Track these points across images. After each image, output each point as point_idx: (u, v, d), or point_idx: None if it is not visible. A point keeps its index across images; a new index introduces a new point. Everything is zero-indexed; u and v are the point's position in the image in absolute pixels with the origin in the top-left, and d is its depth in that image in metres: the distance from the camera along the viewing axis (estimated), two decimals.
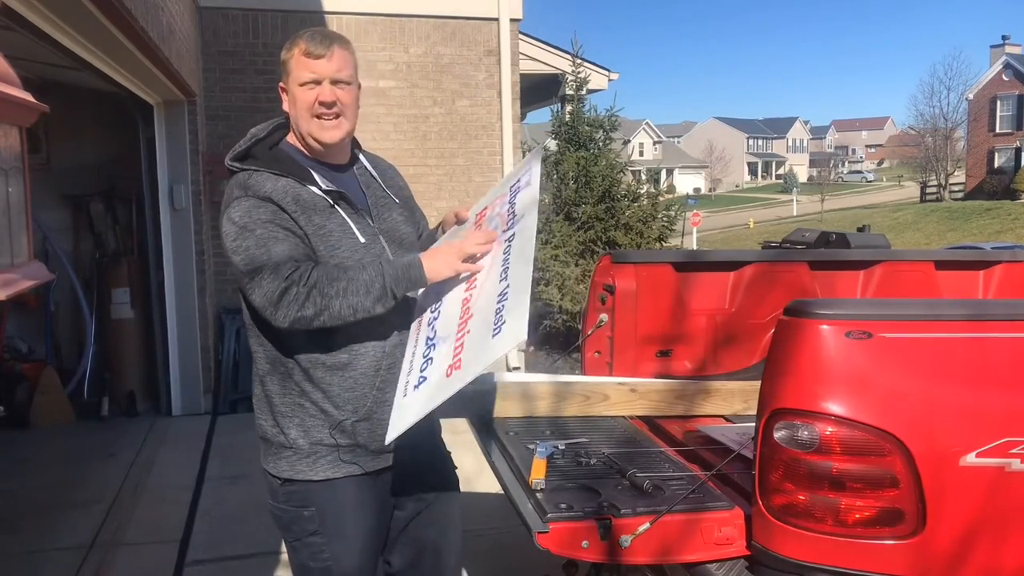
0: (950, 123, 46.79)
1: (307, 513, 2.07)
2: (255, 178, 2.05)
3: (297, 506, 2.08)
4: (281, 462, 2.08)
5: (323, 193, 2.07)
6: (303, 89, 2.06)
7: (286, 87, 2.11)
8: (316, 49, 2.04)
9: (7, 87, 1.95)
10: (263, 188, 2.03)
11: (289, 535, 2.13)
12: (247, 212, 2.00)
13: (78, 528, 4.24)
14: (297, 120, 2.10)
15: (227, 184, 2.13)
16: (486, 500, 4.36)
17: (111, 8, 3.45)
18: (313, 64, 2.05)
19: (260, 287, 1.93)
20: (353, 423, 2.06)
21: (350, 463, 2.08)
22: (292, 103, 2.10)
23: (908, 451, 1.86)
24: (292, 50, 2.08)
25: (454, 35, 7.35)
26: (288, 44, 2.10)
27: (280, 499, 2.11)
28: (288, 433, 2.06)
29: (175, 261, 6.30)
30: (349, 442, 2.07)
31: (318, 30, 2.12)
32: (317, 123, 2.07)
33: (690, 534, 2.03)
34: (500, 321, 1.83)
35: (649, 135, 71.00)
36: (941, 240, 30.07)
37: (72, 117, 6.30)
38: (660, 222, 9.98)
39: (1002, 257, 3.85)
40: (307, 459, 2.06)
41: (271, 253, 1.94)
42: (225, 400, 6.46)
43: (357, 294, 1.92)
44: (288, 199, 2.02)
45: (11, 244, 2.07)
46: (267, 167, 2.07)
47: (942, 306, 2.27)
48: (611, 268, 3.31)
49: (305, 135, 2.10)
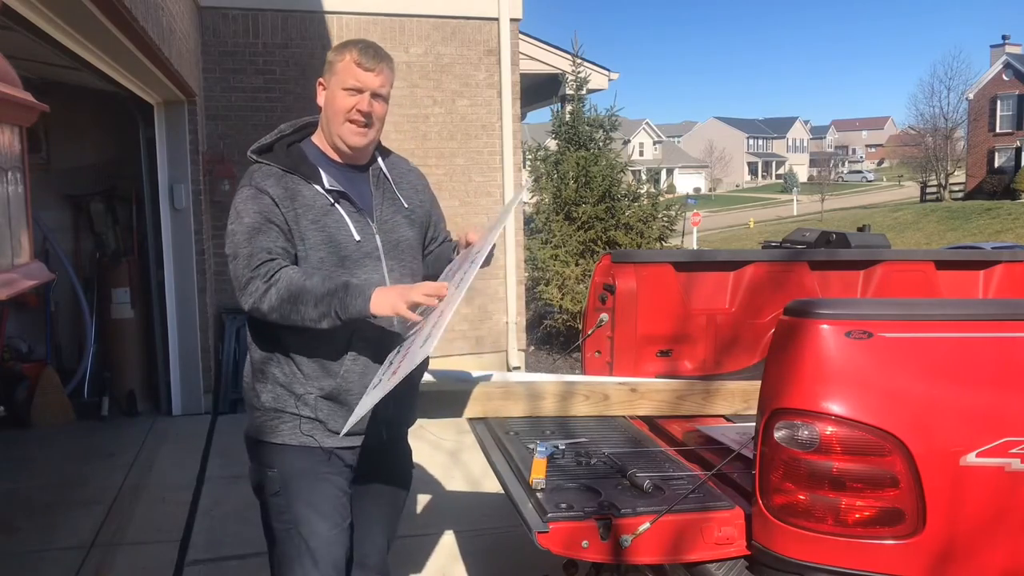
0: (950, 123, 46.74)
1: (271, 474, 2.23)
2: (262, 171, 2.20)
3: (262, 466, 2.25)
4: (253, 421, 2.27)
5: (325, 191, 2.20)
6: (345, 94, 2.20)
7: (326, 84, 2.24)
8: (367, 62, 2.19)
9: (7, 87, 1.94)
10: (265, 181, 2.17)
11: (259, 495, 2.29)
12: (244, 200, 2.16)
13: (78, 528, 4.24)
14: (329, 119, 2.23)
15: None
16: (486, 500, 4.37)
17: (111, 8, 3.45)
18: (361, 75, 2.19)
19: (234, 270, 2.13)
20: (316, 398, 2.19)
21: (307, 435, 2.21)
22: (329, 102, 2.23)
23: (908, 451, 1.86)
24: (344, 55, 2.20)
25: (454, 35, 7.35)
26: (339, 47, 2.23)
27: (252, 458, 2.30)
28: (261, 395, 2.24)
29: (175, 261, 6.29)
30: (310, 415, 2.20)
31: (371, 44, 2.24)
32: (348, 127, 2.21)
33: (690, 534, 2.04)
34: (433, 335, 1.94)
35: (649, 135, 71.00)
36: (941, 240, 30.07)
37: (72, 117, 6.30)
38: (660, 222, 9.99)
39: (1002, 257, 3.85)
40: (271, 422, 2.22)
41: (251, 242, 2.11)
42: (225, 400, 6.45)
43: (307, 305, 2.05)
44: (285, 194, 2.16)
45: (11, 244, 2.07)
46: (277, 162, 2.21)
47: (942, 306, 2.27)
48: (611, 268, 3.31)
49: (334, 135, 2.23)
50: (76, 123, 6.49)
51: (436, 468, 4.87)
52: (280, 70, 6.83)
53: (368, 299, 2.05)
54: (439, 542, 3.97)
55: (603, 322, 3.30)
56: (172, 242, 6.27)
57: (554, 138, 10.57)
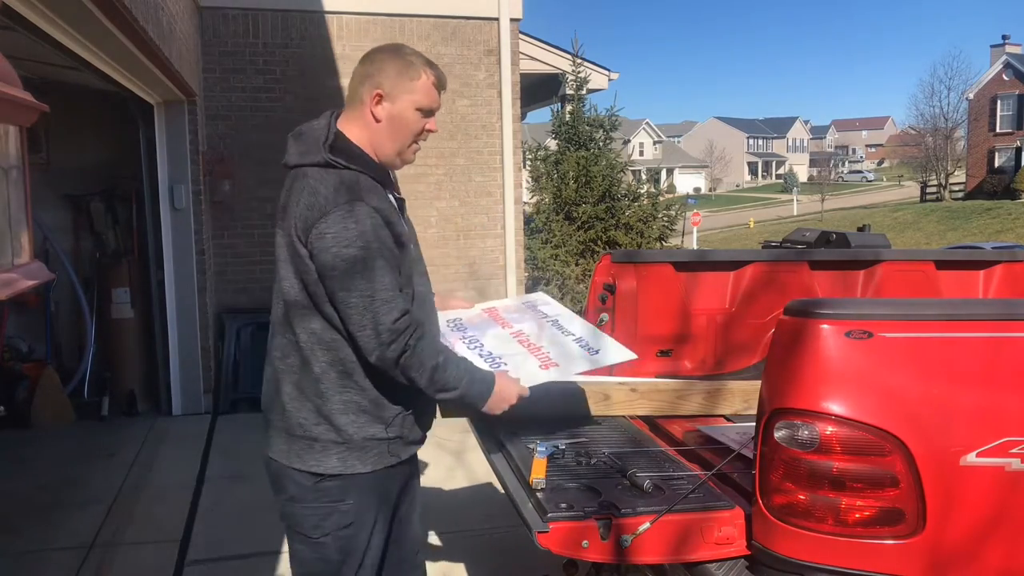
0: (950, 123, 46.76)
1: (344, 507, 2.10)
2: (364, 182, 2.04)
3: (332, 502, 2.10)
4: (330, 458, 2.07)
5: (395, 200, 2.15)
6: (419, 114, 2.12)
7: (392, 99, 2.09)
8: (443, 85, 2.15)
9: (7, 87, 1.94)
10: (373, 198, 2.01)
11: (316, 532, 2.12)
12: (375, 232, 1.97)
13: (78, 528, 4.24)
14: (391, 134, 2.11)
15: (317, 174, 2.03)
16: (487, 500, 4.37)
17: (111, 8, 3.45)
18: (437, 97, 2.14)
19: (369, 311, 1.95)
20: (402, 416, 2.13)
21: (393, 454, 2.14)
22: (397, 118, 2.10)
23: (908, 451, 1.86)
24: (422, 74, 2.10)
25: (454, 35, 7.35)
26: (412, 63, 2.11)
27: (311, 498, 2.11)
28: (343, 430, 2.07)
29: (175, 261, 6.30)
30: (395, 435, 2.13)
31: (436, 65, 2.18)
32: (413, 146, 2.15)
33: (690, 534, 2.04)
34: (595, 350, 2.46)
35: (649, 135, 70.99)
36: (941, 240, 30.07)
37: (72, 117, 6.30)
38: (660, 222, 10.01)
39: (1002, 257, 3.85)
40: (358, 452, 2.08)
41: (384, 281, 1.96)
42: (225, 400, 6.46)
43: (443, 374, 2.03)
44: (391, 212, 2.05)
45: (11, 244, 2.07)
46: (365, 169, 2.06)
47: (942, 306, 2.27)
48: (611, 268, 3.31)
49: (391, 151, 2.13)
50: (76, 123, 6.49)
51: (440, 468, 4.87)
52: (280, 70, 6.83)
53: (487, 396, 2.10)
54: (440, 542, 3.97)
55: (603, 322, 3.30)
56: (172, 242, 6.27)
57: (554, 138, 10.57)
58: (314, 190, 1.98)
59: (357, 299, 1.94)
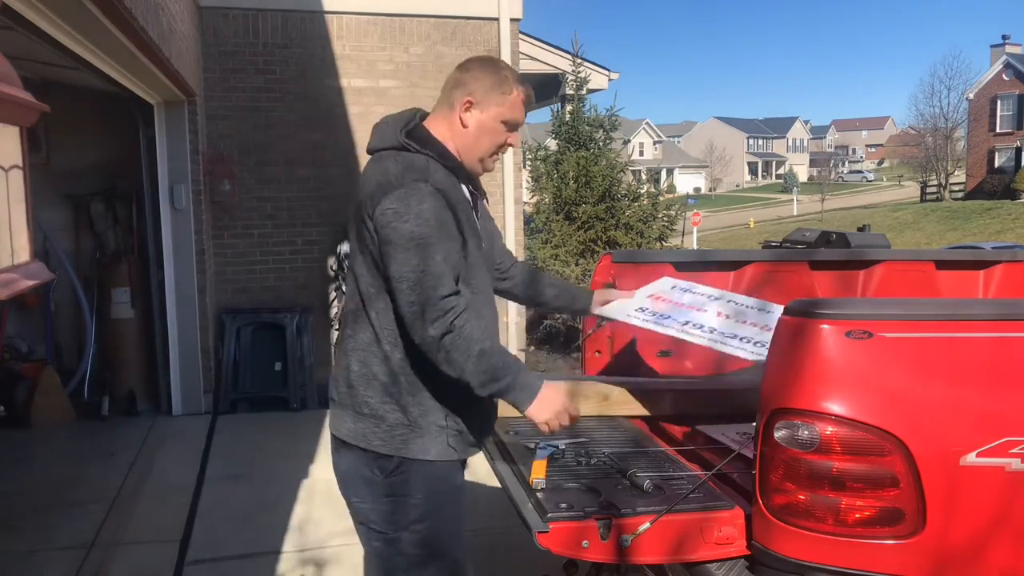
0: (950, 123, 46.77)
1: (414, 501, 2.10)
2: (433, 167, 2.09)
3: (403, 495, 2.10)
4: (395, 440, 2.09)
5: (469, 194, 2.20)
6: (503, 127, 2.18)
7: (482, 107, 2.15)
8: (531, 103, 2.22)
9: (7, 87, 1.95)
10: (441, 182, 2.06)
11: (391, 528, 2.13)
12: (435, 212, 2.00)
13: (78, 528, 4.24)
14: (474, 143, 2.18)
15: (391, 156, 2.10)
16: (488, 500, 4.36)
17: (111, 8, 3.45)
18: (523, 113, 2.21)
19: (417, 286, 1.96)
20: (461, 411, 2.14)
21: (453, 447, 2.14)
22: (483, 128, 2.17)
23: (908, 451, 1.86)
24: (513, 89, 2.17)
25: (454, 35, 7.34)
26: (509, 80, 2.17)
27: (381, 493, 2.12)
28: (409, 411, 2.09)
29: (175, 261, 6.29)
30: (456, 427, 2.13)
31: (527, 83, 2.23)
32: (494, 156, 2.22)
33: (690, 534, 2.04)
34: None
35: (649, 135, 70.99)
36: (941, 240, 30.06)
37: (72, 117, 6.30)
38: (660, 222, 10.00)
39: (1002, 257, 3.85)
40: (422, 437, 2.09)
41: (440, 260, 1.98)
42: (225, 400, 6.46)
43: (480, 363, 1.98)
44: (459, 200, 2.10)
45: (11, 244, 2.07)
46: (439, 157, 2.12)
47: (942, 306, 2.27)
48: (612, 268, 3.31)
49: (474, 157, 2.19)
50: (76, 123, 6.49)
51: None
52: (280, 70, 6.83)
53: (532, 397, 2.06)
54: None
55: (603, 322, 3.30)
56: (172, 242, 6.27)
57: (554, 138, 10.57)
58: (385, 170, 2.06)
59: (409, 273, 1.96)
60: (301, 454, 5.33)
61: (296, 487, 4.73)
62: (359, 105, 6.97)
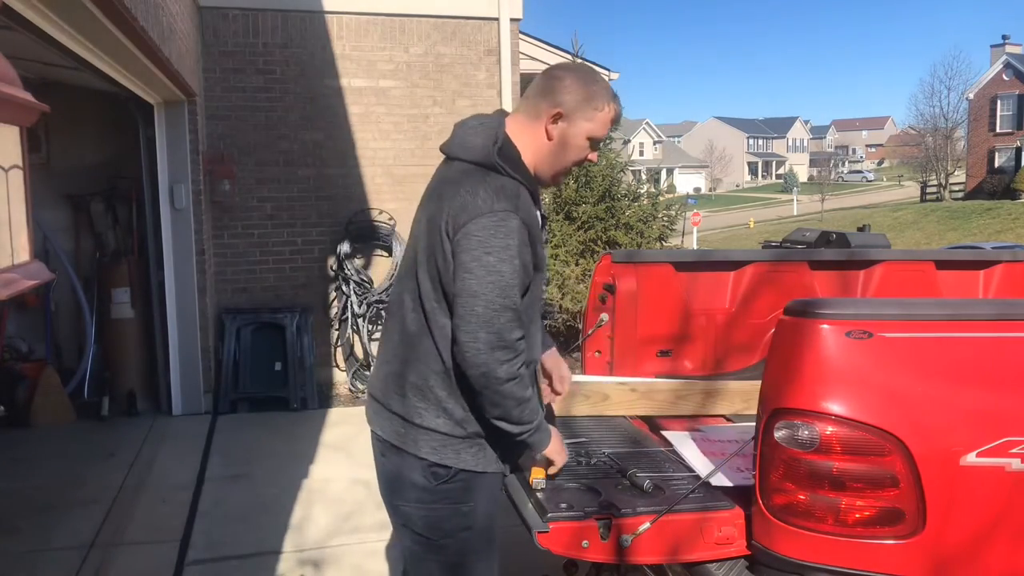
0: (950, 123, 46.75)
1: (464, 509, 2.07)
2: (523, 195, 2.00)
3: (454, 503, 2.07)
4: (446, 450, 2.05)
5: (542, 217, 2.13)
6: (587, 143, 2.09)
7: (569, 120, 2.06)
8: (619, 120, 2.13)
9: (7, 87, 1.95)
10: (527, 214, 1.99)
11: (437, 534, 2.09)
12: (519, 249, 1.93)
13: (78, 528, 4.24)
14: (555, 154, 2.09)
15: (476, 173, 2.00)
16: None
17: (111, 8, 3.44)
18: (606, 132, 2.12)
19: (496, 321, 1.90)
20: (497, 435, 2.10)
21: (502, 460, 2.12)
22: (568, 141, 2.08)
23: (908, 451, 1.86)
24: (605, 107, 2.07)
25: (454, 35, 7.34)
26: (602, 94, 2.07)
27: (430, 499, 2.07)
28: (465, 425, 2.05)
29: (175, 261, 6.29)
30: (505, 443, 2.10)
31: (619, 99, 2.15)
32: (568, 172, 2.14)
33: (690, 534, 2.04)
34: None
35: (649, 135, 71.00)
36: (941, 240, 30.04)
37: (72, 117, 6.30)
38: (660, 222, 9.99)
39: (1002, 257, 3.85)
40: (473, 448, 2.06)
41: (516, 312, 1.93)
42: (225, 400, 6.45)
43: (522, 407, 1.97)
44: (537, 233, 2.03)
45: (11, 244, 2.07)
46: (525, 181, 2.04)
47: (942, 306, 2.27)
48: (611, 268, 3.31)
49: (550, 170, 2.11)
50: (76, 123, 6.49)
51: None
52: (280, 70, 6.83)
53: (550, 439, 2.09)
54: None
55: (603, 322, 3.30)
56: (172, 242, 6.27)
57: None
58: (473, 191, 1.95)
59: (482, 308, 1.89)
60: (301, 454, 5.33)
61: (296, 487, 4.74)
62: (359, 105, 6.97)
